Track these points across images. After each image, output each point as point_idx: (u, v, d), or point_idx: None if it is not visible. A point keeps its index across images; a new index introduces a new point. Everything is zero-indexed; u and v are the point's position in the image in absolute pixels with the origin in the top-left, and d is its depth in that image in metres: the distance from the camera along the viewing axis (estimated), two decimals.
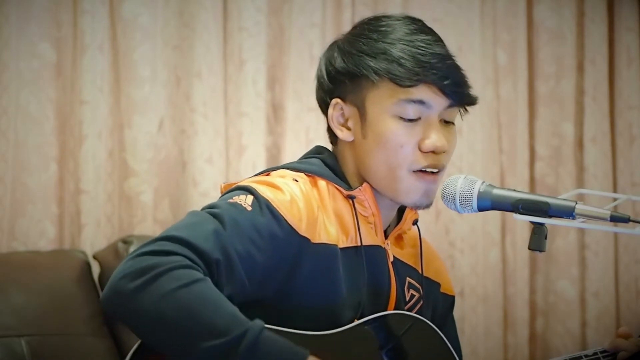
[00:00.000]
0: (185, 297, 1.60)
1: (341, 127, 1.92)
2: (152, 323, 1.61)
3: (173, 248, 1.64)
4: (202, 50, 3.27)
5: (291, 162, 1.94)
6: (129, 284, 1.61)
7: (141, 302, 1.60)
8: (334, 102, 1.92)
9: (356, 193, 1.90)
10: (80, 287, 2.83)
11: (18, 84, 3.06)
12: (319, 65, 1.97)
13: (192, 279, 1.61)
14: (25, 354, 2.63)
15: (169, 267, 1.61)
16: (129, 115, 3.18)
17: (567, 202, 1.78)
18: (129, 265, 1.63)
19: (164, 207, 3.21)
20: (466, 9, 3.68)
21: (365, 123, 1.88)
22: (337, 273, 1.81)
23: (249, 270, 1.71)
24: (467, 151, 3.67)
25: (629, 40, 3.86)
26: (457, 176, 1.85)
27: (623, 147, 3.87)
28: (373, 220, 1.92)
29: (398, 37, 1.88)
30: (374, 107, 1.87)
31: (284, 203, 1.77)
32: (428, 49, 1.86)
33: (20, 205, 3.05)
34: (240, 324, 1.61)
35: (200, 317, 1.60)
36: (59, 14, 3.12)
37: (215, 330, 1.59)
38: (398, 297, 1.93)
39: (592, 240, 3.81)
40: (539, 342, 3.78)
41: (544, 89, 3.82)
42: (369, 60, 1.88)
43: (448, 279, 2.12)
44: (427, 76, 1.85)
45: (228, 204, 1.75)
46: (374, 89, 1.87)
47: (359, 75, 1.88)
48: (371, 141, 1.88)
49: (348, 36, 1.96)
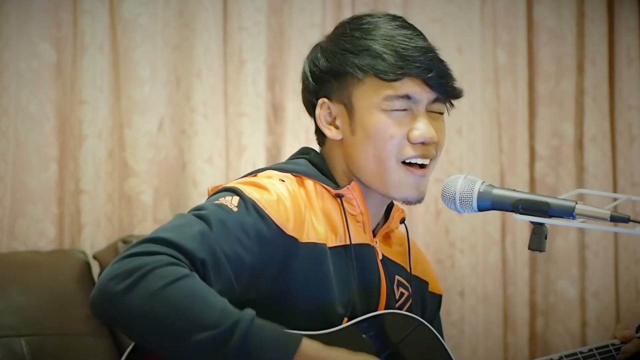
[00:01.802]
0: (173, 294, 1.60)
1: (329, 126, 1.93)
2: (143, 323, 1.61)
3: (158, 249, 1.65)
4: (202, 50, 3.27)
5: (278, 163, 1.95)
6: (117, 286, 1.61)
7: (130, 303, 1.60)
8: (321, 102, 1.93)
9: (344, 192, 1.90)
10: (80, 287, 2.83)
11: (18, 84, 3.06)
12: (303, 68, 1.98)
13: (178, 276, 1.62)
14: (25, 354, 2.63)
15: (154, 265, 1.62)
16: (129, 115, 3.18)
17: (567, 202, 1.78)
18: (115, 267, 1.63)
19: (164, 207, 3.21)
20: (466, 9, 3.68)
21: (354, 119, 1.89)
22: (327, 272, 1.82)
23: (236, 270, 1.71)
24: (467, 151, 3.67)
25: (629, 40, 3.86)
26: (457, 176, 1.85)
27: (623, 147, 3.87)
28: (362, 219, 1.92)
29: (380, 33, 1.90)
30: (361, 102, 1.89)
31: (270, 203, 1.78)
32: (410, 43, 1.88)
33: (20, 205, 3.05)
34: (230, 315, 1.61)
35: (190, 312, 1.60)
36: (59, 14, 3.12)
37: (206, 323, 1.60)
38: (388, 295, 1.93)
39: (592, 240, 3.80)
40: (539, 342, 3.78)
41: (544, 89, 3.82)
42: (352, 57, 1.89)
43: (435, 277, 2.12)
44: (411, 69, 1.87)
45: (214, 205, 1.75)
46: (360, 85, 1.89)
47: (343, 73, 1.90)
48: (360, 136, 1.89)
49: (331, 36, 1.97)
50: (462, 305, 3.62)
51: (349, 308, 1.85)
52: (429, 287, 2.09)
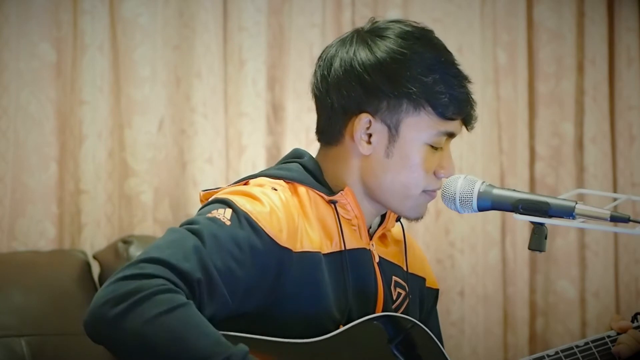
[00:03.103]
0: (168, 323, 1.59)
1: (361, 141, 1.88)
2: (136, 349, 1.59)
3: (154, 271, 1.62)
4: (202, 50, 3.27)
5: (269, 169, 1.92)
6: (111, 310, 1.59)
7: (124, 329, 1.59)
8: (365, 118, 1.87)
9: (338, 198, 1.88)
10: (80, 287, 2.83)
11: (18, 84, 3.06)
12: (348, 62, 1.88)
13: (175, 304, 1.60)
14: (25, 354, 2.63)
15: (151, 291, 1.59)
16: (129, 115, 3.18)
17: (567, 202, 1.78)
18: (110, 290, 1.61)
19: (164, 207, 3.21)
20: (466, 9, 3.68)
21: (395, 145, 1.87)
22: (322, 280, 1.81)
23: (230, 285, 1.70)
24: (467, 151, 3.67)
25: (629, 40, 3.86)
26: (457, 176, 1.86)
27: (623, 147, 3.87)
28: (357, 223, 1.91)
29: (443, 68, 1.87)
30: (410, 132, 1.87)
31: (263, 215, 1.76)
32: (465, 83, 1.89)
33: (20, 205, 3.05)
34: (224, 349, 1.60)
35: (184, 343, 1.58)
36: (59, 14, 3.12)
37: (199, 355, 1.58)
38: (385, 297, 1.92)
39: (592, 240, 3.80)
40: (539, 342, 3.78)
41: (544, 89, 3.82)
42: (413, 86, 1.85)
43: (431, 272, 2.11)
44: (464, 113, 1.89)
45: (207, 219, 1.73)
46: (415, 115, 1.86)
47: (401, 98, 1.86)
48: (396, 161, 1.87)
49: (387, 45, 1.88)
50: (462, 305, 3.62)
51: (345, 314, 1.84)
52: (426, 283, 2.08)
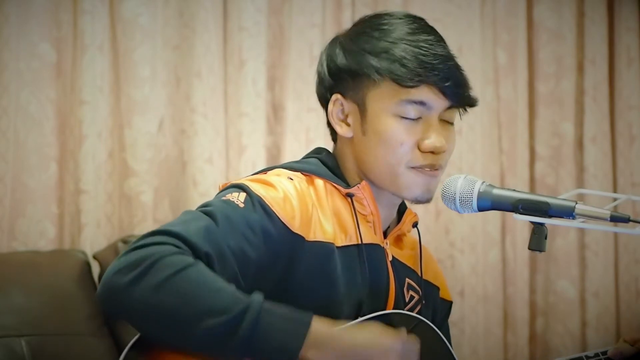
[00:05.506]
0: (181, 283, 1.60)
1: (340, 123, 1.93)
2: (151, 313, 1.61)
3: (163, 239, 1.65)
4: (202, 50, 3.27)
5: (289, 162, 1.95)
6: (123, 278, 1.61)
7: (137, 294, 1.60)
8: (334, 98, 1.93)
9: (354, 191, 1.90)
10: (80, 287, 2.83)
11: (18, 84, 3.06)
12: (320, 60, 1.97)
13: (185, 264, 1.61)
14: (25, 354, 2.63)
15: (160, 255, 1.61)
16: (129, 115, 3.18)
17: (567, 202, 1.78)
18: (121, 260, 1.63)
19: (164, 207, 3.21)
20: (466, 9, 3.68)
21: (365, 120, 1.89)
22: (333, 271, 1.82)
23: (242, 266, 1.71)
24: (467, 151, 3.67)
25: (629, 40, 3.86)
26: (457, 176, 1.85)
27: (623, 147, 3.87)
28: (372, 219, 1.92)
29: (400, 36, 1.89)
30: (375, 105, 1.88)
31: (276, 200, 1.78)
32: (430, 50, 1.87)
33: (20, 205, 3.05)
34: (240, 300, 1.61)
35: (199, 300, 1.60)
36: (59, 14, 3.12)
37: (216, 309, 1.59)
38: (397, 296, 1.92)
39: (592, 240, 3.80)
40: (539, 342, 3.78)
41: (544, 89, 3.82)
42: (371, 58, 1.88)
43: (445, 284, 2.12)
44: (429, 77, 1.85)
45: (221, 202, 1.76)
46: (375, 87, 1.88)
47: (360, 73, 1.89)
48: (371, 138, 1.89)
49: (350, 33, 1.96)
50: (462, 305, 3.62)
51: (356, 308, 1.84)
52: (440, 293, 2.09)
